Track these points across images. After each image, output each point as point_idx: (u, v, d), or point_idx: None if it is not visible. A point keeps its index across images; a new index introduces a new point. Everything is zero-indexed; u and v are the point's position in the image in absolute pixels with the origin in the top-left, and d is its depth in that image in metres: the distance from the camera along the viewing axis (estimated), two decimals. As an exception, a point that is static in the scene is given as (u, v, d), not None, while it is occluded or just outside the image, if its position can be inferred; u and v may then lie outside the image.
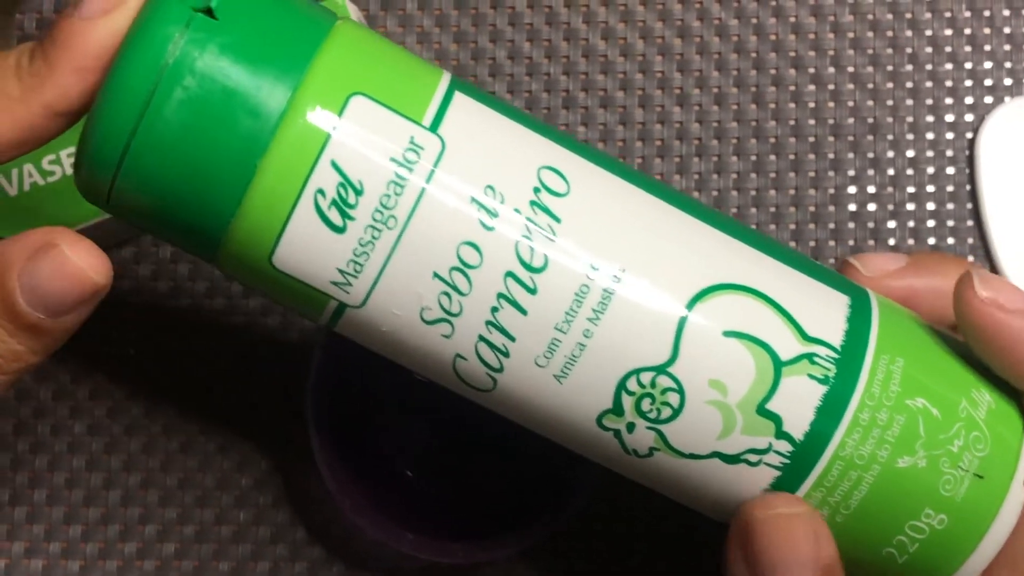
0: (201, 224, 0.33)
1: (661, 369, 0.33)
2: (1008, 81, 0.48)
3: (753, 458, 0.33)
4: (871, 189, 0.47)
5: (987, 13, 0.48)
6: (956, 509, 0.33)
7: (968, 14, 0.48)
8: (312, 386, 0.44)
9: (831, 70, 0.48)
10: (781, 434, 0.33)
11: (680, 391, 0.33)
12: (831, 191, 0.47)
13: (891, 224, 0.47)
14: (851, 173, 0.47)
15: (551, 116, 0.48)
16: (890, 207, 0.47)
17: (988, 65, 0.48)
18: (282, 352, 0.48)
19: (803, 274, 0.35)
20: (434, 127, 0.32)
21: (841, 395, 0.33)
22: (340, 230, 0.32)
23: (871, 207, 0.47)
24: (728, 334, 0.33)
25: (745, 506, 0.34)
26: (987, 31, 0.48)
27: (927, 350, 0.35)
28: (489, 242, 0.32)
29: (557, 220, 0.33)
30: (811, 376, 0.33)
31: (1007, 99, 0.47)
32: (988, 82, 0.48)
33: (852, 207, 0.47)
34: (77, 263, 0.33)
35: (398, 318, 0.33)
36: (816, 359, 0.33)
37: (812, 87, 0.48)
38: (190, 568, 0.47)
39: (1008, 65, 0.48)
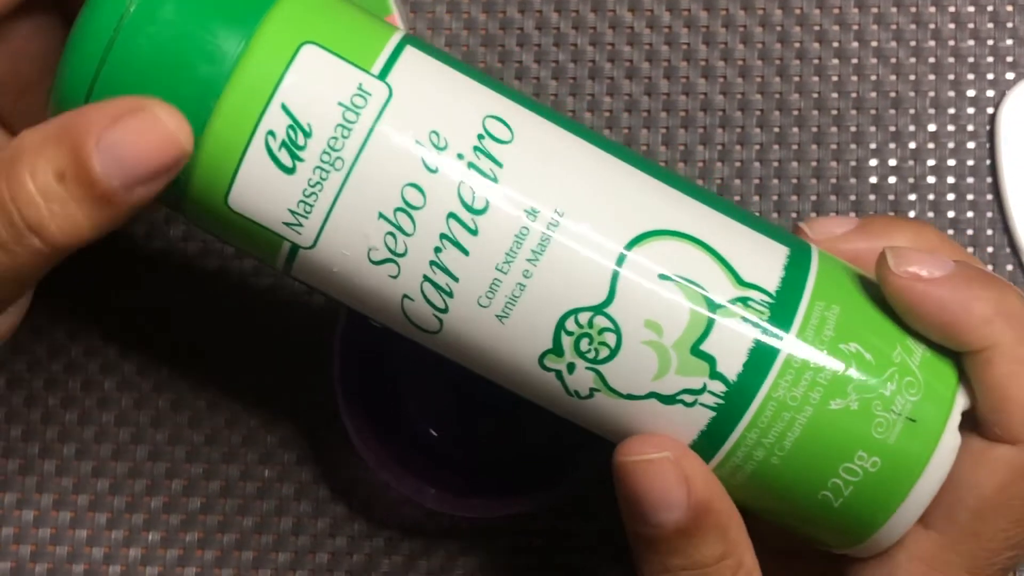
0: None
1: (598, 310, 0.34)
2: (1029, 58, 0.48)
3: (689, 399, 0.34)
4: (892, 162, 0.48)
5: (1010, -9, 0.48)
6: (889, 452, 0.34)
7: (991, -9, 0.49)
8: (339, 348, 0.45)
9: (854, 44, 0.48)
10: (715, 374, 0.34)
11: (617, 331, 0.34)
12: (852, 164, 0.48)
13: (911, 197, 0.48)
14: (873, 146, 0.48)
15: (578, 84, 0.49)
16: (911, 180, 0.48)
17: (1009, 42, 0.48)
18: (310, 314, 0.48)
19: (744, 225, 0.36)
20: (382, 75, 0.34)
21: (774, 338, 0.34)
22: (290, 171, 0.34)
23: (892, 180, 0.48)
24: (664, 277, 0.34)
25: (617, 447, 0.35)
26: (1009, 8, 0.48)
27: (865, 301, 0.36)
28: (432, 184, 0.34)
29: (499, 165, 0.34)
30: (745, 319, 0.34)
31: (1028, 75, 0.48)
32: (1009, 58, 0.48)
33: (873, 180, 0.48)
34: (168, 124, 0.33)
35: (347, 259, 0.34)
36: (751, 303, 0.34)
37: (836, 61, 0.48)
38: (215, 522, 0.47)
39: (1030, 42, 0.48)
